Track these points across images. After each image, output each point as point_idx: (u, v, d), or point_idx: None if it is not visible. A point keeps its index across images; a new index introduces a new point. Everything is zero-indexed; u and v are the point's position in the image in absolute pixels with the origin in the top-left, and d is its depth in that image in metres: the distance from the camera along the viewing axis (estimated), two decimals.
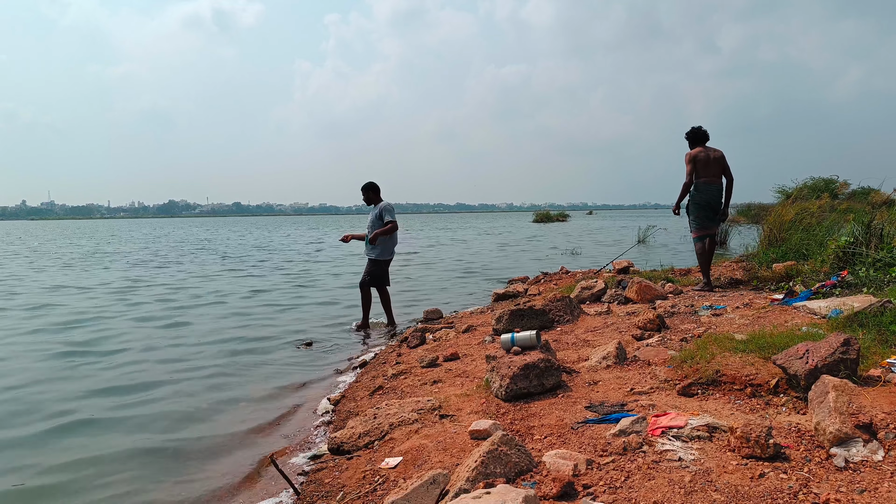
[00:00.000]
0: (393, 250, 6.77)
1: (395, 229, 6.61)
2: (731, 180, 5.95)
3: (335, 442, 3.11)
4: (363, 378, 4.67)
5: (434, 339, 5.50)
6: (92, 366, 5.26)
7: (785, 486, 1.92)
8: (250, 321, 7.29)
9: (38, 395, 4.40)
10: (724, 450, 2.22)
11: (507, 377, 3.19)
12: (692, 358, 3.21)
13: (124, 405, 4.20)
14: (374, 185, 6.70)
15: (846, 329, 3.46)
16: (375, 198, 6.73)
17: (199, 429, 3.78)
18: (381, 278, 6.70)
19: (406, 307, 8.23)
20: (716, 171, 5.88)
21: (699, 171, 5.84)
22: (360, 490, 2.52)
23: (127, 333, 6.61)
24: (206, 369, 5.13)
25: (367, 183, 6.70)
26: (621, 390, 3.14)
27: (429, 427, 3.00)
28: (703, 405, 2.76)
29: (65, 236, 37.17)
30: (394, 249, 6.79)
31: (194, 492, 2.94)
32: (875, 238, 5.65)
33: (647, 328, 4.38)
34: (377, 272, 6.64)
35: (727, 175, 5.94)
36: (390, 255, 6.74)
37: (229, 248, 22.55)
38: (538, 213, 51.86)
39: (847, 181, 21.79)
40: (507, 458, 2.22)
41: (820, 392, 2.32)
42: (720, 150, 5.89)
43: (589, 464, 2.22)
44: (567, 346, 4.31)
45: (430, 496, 2.12)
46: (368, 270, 6.67)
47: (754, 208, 21.24)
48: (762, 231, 9.51)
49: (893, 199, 13.71)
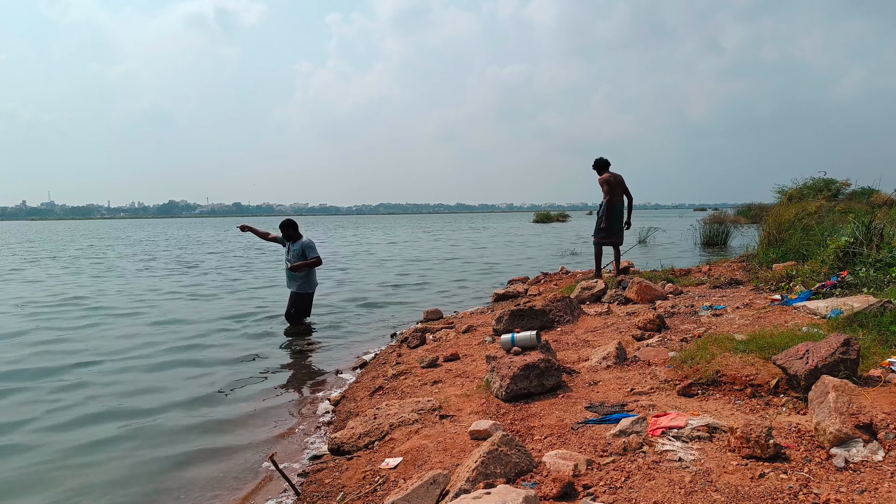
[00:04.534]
0: (315, 282, 6.97)
1: (319, 264, 6.82)
2: (632, 199, 7.41)
3: (335, 442, 3.11)
4: (363, 378, 4.67)
5: (434, 339, 5.50)
6: (91, 368, 5.27)
7: (785, 486, 1.92)
8: (251, 321, 7.29)
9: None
10: (724, 450, 2.22)
11: (507, 377, 3.19)
12: (692, 358, 3.21)
13: (123, 402, 4.21)
14: (292, 221, 6.92)
15: (846, 329, 3.46)
16: (295, 234, 6.89)
17: (199, 428, 3.78)
18: (305, 310, 6.94)
19: (406, 307, 8.24)
20: (620, 192, 7.28)
21: (608, 192, 7.16)
22: (360, 490, 2.51)
23: (130, 330, 6.62)
24: (206, 369, 5.13)
25: (286, 220, 6.92)
26: (621, 390, 3.14)
27: (429, 427, 3.00)
28: (704, 405, 2.76)
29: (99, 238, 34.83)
30: (316, 281, 6.98)
31: (194, 492, 2.94)
32: (875, 238, 5.65)
33: (648, 328, 4.38)
34: (301, 304, 6.87)
35: (628, 195, 7.36)
36: (313, 287, 6.94)
37: (246, 249, 22.53)
38: (538, 213, 51.94)
39: (847, 180, 21.81)
40: (507, 459, 2.22)
41: (820, 392, 2.32)
42: (621, 175, 7.31)
43: (589, 464, 2.22)
44: (567, 347, 4.31)
45: (431, 496, 2.12)
46: (293, 303, 6.86)
47: (754, 208, 21.26)
48: (762, 231, 9.52)
49: (894, 200, 13.70)
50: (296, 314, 6.86)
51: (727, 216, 19.00)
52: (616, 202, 7.20)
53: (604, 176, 7.22)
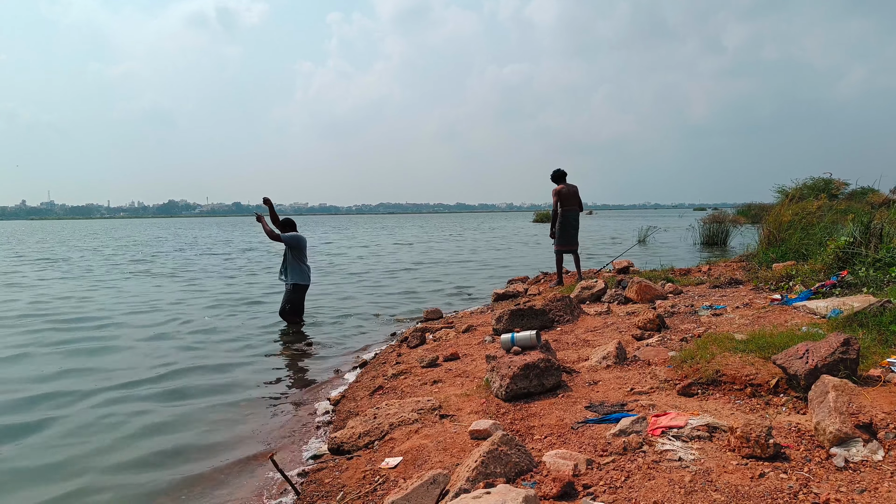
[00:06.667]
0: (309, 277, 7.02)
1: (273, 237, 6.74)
2: (581, 209, 7.83)
3: (335, 442, 3.11)
4: (363, 378, 4.67)
5: (434, 339, 5.50)
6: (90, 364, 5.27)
7: (785, 485, 1.92)
8: (250, 321, 7.29)
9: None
10: (724, 450, 2.22)
11: (507, 377, 3.19)
12: (692, 358, 3.21)
13: (123, 400, 4.21)
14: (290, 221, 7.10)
15: (846, 329, 3.46)
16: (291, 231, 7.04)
17: (200, 428, 3.78)
18: (300, 305, 7.00)
19: (406, 307, 8.24)
20: (574, 202, 7.66)
21: (563, 202, 7.58)
22: (360, 490, 2.51)
23: (131, 328, 6.62)
24: (205, 369, 5.13)
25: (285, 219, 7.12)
26: (621, 390, 3.14)
27: (429, 427, 3.00)
28: (703, 405, 2.76)
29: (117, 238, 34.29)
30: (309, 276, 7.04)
31: (194, 491, 2.94)
32: (874, 238, 5.66)
33: (647, 328, 4.38)
34: (296, 298, 6.92)
35: (579, 206, 7.77)
36: (307, 280, 6.98)
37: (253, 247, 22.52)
38: (538, 213, 51.87)
39: (846, 181, 21.80)
40: (507, 458, 2.22)
41: (820, 392, 2.32)
42: (575, 185, 7.70)
43: (589, 464, 2.22)
44: (567, 346, 4.31)
45: (430, 496, 2.12)
46: (289, 298, 6.90)
47: (754, 208, 21.25)
48: (762, 231, 9.52)
49: (892, 200, 13.70)
50: (291, 310, 6.88)
51: (727, 216, 19.01)
52: (569, 212, 7.64)
53: (557, 187, 7.65)
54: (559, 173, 7.72)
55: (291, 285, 6.85)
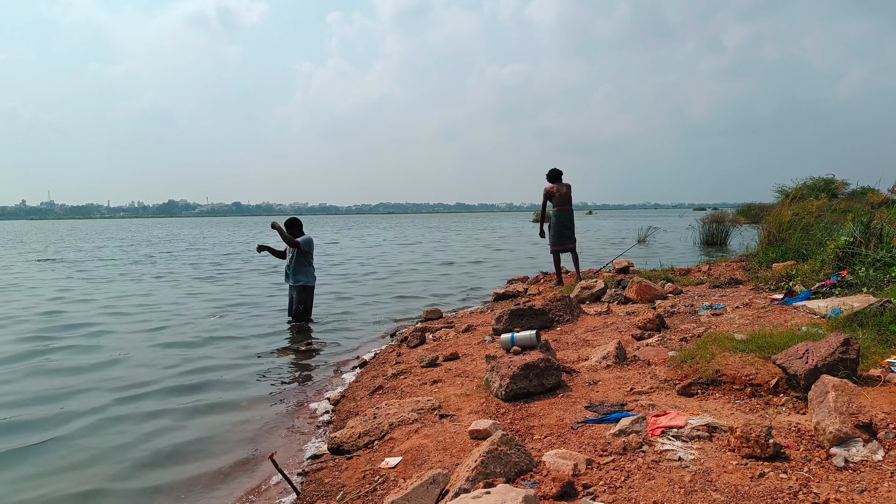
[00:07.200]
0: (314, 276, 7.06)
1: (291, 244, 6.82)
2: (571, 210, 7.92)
3: (335, 442, 3.11)
4: (363, 378, 4.67)
5: (434, 338, 5.50)
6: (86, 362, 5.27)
7: (785, 485, 1.92)
8: (250, 321, 7.29)
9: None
10: (724, 450, 2.22)
11: (506, 377, 3.19)
12: (692, 358, 3.21)
13: (123, 400, 4.21)
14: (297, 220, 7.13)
15: (846, 329, 3.46)
16: (298, 232, 7.06)
17: (199, 428, 3.77)
18: (309, 305, 7.03)
19: (406, 307, 8.23)
20: (566, 201, 7.77)
21: (554, 202, 7.74)
22: (359, 490, 2.51)
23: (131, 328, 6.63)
24: (205, 369, 5.13)
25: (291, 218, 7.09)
26: (621, 390, 3.14)
27: (429, 427, 3.00)
28: (703, 405, 2.76)
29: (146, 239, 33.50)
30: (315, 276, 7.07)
31: (194, 491, 2.94)
32: (874, 238, 5.66)
33: (647, 328, 4.38)
34: (305, 299, 6.95)
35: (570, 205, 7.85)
36: (313, 281, 7.02)
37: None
38: (538, 213, 51.89)
39: (846, 181, 21.80)
40: (506, 458, 2.22)
41: (820, 392, 2.32)
42: (567, 185, 7.81)
43: (589, 464, 2.22)
44: (567, 346, 4.31)
45: (430, 496, 2.12)
46: (299, 300, 6.92)
47: (754, 208, 21.24)
48: (762, 231, 9.53)
49: (892, 199, 13.71)
50: (303, 311, 6.94)
51: (727, 216, 19.01)
52: (561, 212, 7.74)
53: (548, 187, 7.78)
54: (554, 173, 7.82)
55: (301, 286, 6.89)
